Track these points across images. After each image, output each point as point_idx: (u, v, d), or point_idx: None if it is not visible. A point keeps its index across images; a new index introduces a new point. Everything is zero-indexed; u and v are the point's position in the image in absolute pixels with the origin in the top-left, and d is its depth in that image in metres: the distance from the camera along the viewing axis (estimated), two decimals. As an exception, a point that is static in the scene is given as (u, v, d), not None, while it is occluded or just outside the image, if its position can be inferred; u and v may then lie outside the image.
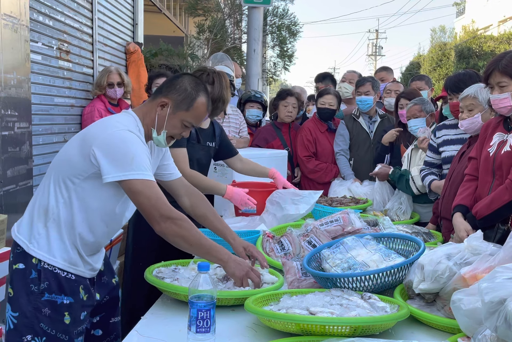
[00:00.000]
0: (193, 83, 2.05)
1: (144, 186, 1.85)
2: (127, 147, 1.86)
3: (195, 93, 2.03)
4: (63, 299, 1.91)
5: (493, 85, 2.33)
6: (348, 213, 2.50)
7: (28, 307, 1.88)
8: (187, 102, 2.02)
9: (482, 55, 20.04)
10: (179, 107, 2.01)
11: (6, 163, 3.24)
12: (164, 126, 2.02)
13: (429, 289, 1.76)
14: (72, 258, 1.95)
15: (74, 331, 1.93)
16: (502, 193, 2.27)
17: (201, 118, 2.10)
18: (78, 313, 1.94)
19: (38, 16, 3.89)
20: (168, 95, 2.02)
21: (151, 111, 2.03)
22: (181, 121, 2.03)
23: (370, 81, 4.33)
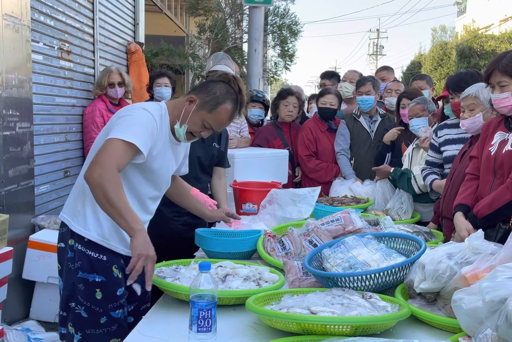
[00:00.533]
0: (224, 90, 2.14)
1: (118, 145, 1.92)
2: (132, 119, 2.01)
3: (223, 99, 2.12)
4: (95, 277, 2.10)
5: (494, 84, 2.33)
6: (349, 213, 2.50)
7: (68, 281, 2.14)
8: (212, 105, 2.12)
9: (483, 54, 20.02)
10: (203, 106, 2.12)
11: (7, 163, 3.25)
12: (187, 121, 2.13)
13: (430, 289, 1.76)
14: (105, 233, 2.10)
15: (109, 305, 2.11)
16: (503, 192, 2.27)
17: (221, 124, 2.17)
18: (111, 290, 2.11)
19: (39, 16, 3.89)
20: (198, 93, 2.15)
21: (180, 104, 2.17)
22: (202, 120, 2.13)
23: (370, 80, 4.33)
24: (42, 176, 3.91)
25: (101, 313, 2.10)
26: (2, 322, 3.09)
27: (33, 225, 3.62)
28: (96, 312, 2.10)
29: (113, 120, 2.08)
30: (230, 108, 2.14)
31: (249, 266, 2.19)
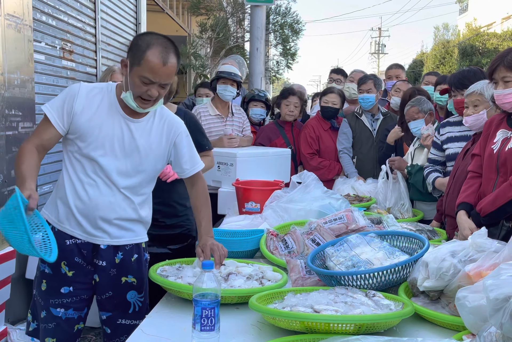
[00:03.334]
0: (147, 38, 2.00)
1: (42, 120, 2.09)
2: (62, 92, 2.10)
3: (146, 45, 1.96)
4: (45, 268, 2.14)
5: (498, 80, 2.33)
6: (352, 211, 2.50)
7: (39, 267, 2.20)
8: (138, 56, 1.96)
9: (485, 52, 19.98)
10: (133, 63, 1.99)
11: (10, 163, 3.25)
12: (129, 86, 2.02)
13: (434, 287, 1.76)
14: (60, 217, 2.12)
15: (51, 300, 2.12)
16: (506, 189, 2.26)
17: (156, 71, 1.96)
18: (56, 285, 2.12)
19: (41, 16, 3.89)
20: (127, 55, 2.05)
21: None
22: (139, 77, 1.97)
23: (372, 79, 4.32)
24: (45, 176, 3.91)
25: (42, 306, 2.13)
26: (6, 322, 3.09)
27: (36, 224, 3.62)
28: (39, 303, 2.14)
29: None
30: (158, 52, 1.95)
31: (252, 265, 2.19)
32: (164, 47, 1.97)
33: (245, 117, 4.42)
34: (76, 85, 2.10)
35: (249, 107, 4.67)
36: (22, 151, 2.02)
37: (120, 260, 2.18)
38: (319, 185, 3.12)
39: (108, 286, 2.18)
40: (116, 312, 2.20)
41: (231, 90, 4.17)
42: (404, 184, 3.51)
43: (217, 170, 3.75)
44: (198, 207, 2.27)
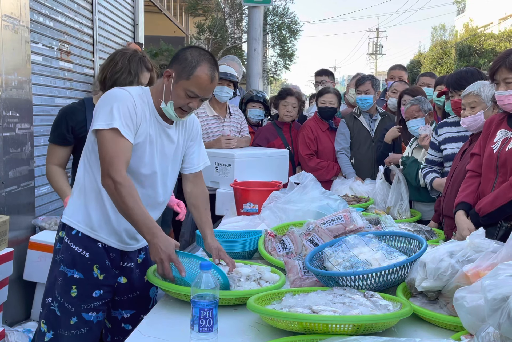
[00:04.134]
0: (195, 53, 2.06)
1: (109, 136, 1.92)
2: (108, 100, 1.98)
3: (196, 62, 2.03)
4: (74, 273, 2.06)
5: (499, 81, 2.34)
6: (350, 212, 2.50)
7: (52, 273, 2.12)
8: (187, 71, 2.02)
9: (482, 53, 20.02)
10: (180, 76, 2.03)
11: (7, 164, 3.24)
12: (170, 96, 2.05)
13: (432, 287, 1.76)
14: (94, 225, 2.06)
15: (82, 305, 2.06)
16: (506, 189, 2.27)
17: (204, 87, 2.04)
18: (88, 290, 2.07)
19: (39, 17, 3.89)
20: (172, 66, 2.07)
21: (160, 84, 2.10)
22: (184, 90, 2.03)
23: (370, 80, 4.33)
24: (43, 177, 3.90)
25: (72, 313, 2.05)
26: (3, 324, 3.08)
27: (33, 226, 3.61)
28: (68, 311, 2.06)
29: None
30: (207, 69, 2.03)
31: (250, 266, 2.19)
32: (212, 64, 2.06)
33: (243, 118, 4.42)
34: (127, 94, 2.01)
35: (247, 108, 4.67)
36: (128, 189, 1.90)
37: (142, 260, 2.25)
38: (317, 185, 3.12)
39: (136, 286, 2.23)
40: (139, 309, 2.24)
41: (228, 90, 4.16)
42: (405, 183, 3.51)
43: (215, 171, 3.75)
44: (200, 207, 2.31)
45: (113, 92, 2.02)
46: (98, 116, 1.96)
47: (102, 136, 1.94)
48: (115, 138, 1.93)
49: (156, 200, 2.18)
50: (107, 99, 1.99)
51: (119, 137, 1.93)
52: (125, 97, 2.00)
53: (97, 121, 1.95)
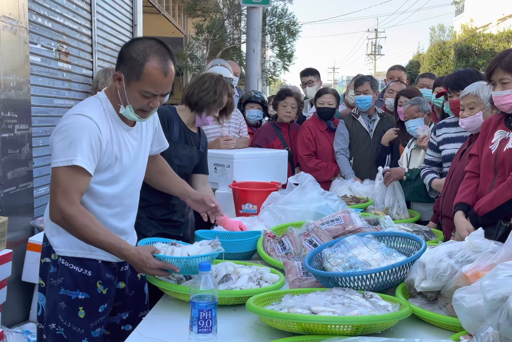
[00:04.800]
0: (139, 47, 1.86)
1: (65, 173, 1.81)
2: (68, 132, 1.83)
3: (142, 57, 1.84)
4: (78, 295, 1.98)
5: (496, 82, 2.34)
6: (349, 212, 2.50)
7: (50, 298, 2.01)
8: (136, 70, 1.84)
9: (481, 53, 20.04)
10: (130, 78, 1.87)
11: (6, 165, 3.24)
12: (127, 100, 1.91)
13: (431, 287, 1.76)
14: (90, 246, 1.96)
15: (91, 324, 2.00)
16: (504, 189, 2.27)
17: (158, 83, 1.87)
18: (94, 307, 2.01)
19: (37, 18, 3.89)
20: (119, 67, 1.90)
21: (114, 88, 1.94)
22: (139, 92, 1.88)
23: (368, 80, 4.33)
24: (41, 178, 3.90)
25: (82, 334, 1.98)
26: (2, 325, 3.08)
27: (32, 227, 3.61)
28: (78, 333, 1.98)
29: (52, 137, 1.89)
30: (157, 63, 1.83)
31: (250, 266, 2.19)
32: (162, 55, 1.87)
33: (241, 118, 4.42)
34: (89, 122, 1.86)
35: (245, 109, 4.67)
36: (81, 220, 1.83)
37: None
38: (316, 186, 3.12)
39: (132, 286, 2.22)
40: (137, 307, 2.23)
41: None
42: (398, 183, 3.51)
43: (214, 171, 3.74)
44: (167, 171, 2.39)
45: (74, 123, 1.85)
46: (58, 150, 1.82)
47: (58, 172, 1.82)
48: (68, 174, 1.82)
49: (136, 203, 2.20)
50: (67, 130, 1.84)
51: (74, 172, 1.82)
52: (87, 126, 1.85)
53: (57, 157, 1.82)
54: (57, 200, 1.83)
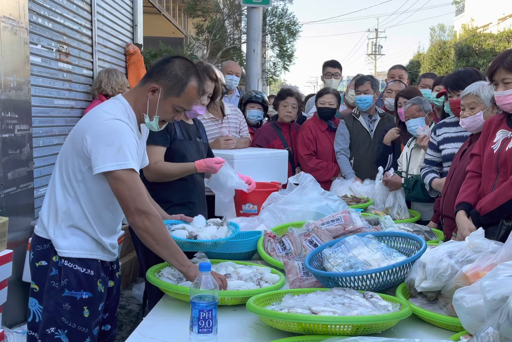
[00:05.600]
0: (183, 68, 2.04)
1: (127, 176, 1.89)
2: (114, 138, 1.90)
3: (186, 78, 2.02)
4: (82, 295, 2.00)
5: (498, 82, 2.35)
6: (349, 212, 2.50)
7: (49, 302, 1.98)
8: (178, 88, 2.02)
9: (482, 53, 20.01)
10: (170, 92, 2.02)
11: (6, 165, 3.24)
12: (156, 111, 2.03)
13: (431, 287, 1.76)
14: (91, 246, 2.04)
15: (93, 322, 2.03)
16: (506, 188, 2.27)
17: (192, 102, 2.10)
18: (96, 306, 2.05)
19: (37, 18, 3.89)
20: (158, 80, 2.02)
21: (142, 96, 2.05)
22: (173, 106, 2.04)
23: (369, 80, 4.33)
24: (42, 178, 3.91)
25: (86, 334, 2.00)
26: (3, 325, 3.08)
27: (32, 227, 3.58)
28: (82, 333, 1.99)
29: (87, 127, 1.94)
30: (196, 84, 2.05)
31: (250, 267, 2.19)
32: (198, 77, 2.07)
33: (242, 118, 4.41)
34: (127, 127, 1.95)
35: (246, 109, 4.67)
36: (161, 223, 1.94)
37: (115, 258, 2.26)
38: (316, 186, 3.12)
39: (116, 285, 2.25)
40: (116, 305, 2.27)
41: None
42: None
43: (214, 172, 3.74)
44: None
45: (115, 127, 1.92)
46: (105, 155, 1.87)
47: (119, 177, 1.88)
48: (132, 177, 1.90)
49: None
50: (111, 135, 1.90)
51: (135, 174, 1.92)
52: (128, 131, 1.95)
53: (107, 162, 1.87)
54: (135, 201, 1.90)
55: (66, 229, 2.01)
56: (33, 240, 2.09)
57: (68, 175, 2.00)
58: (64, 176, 2.01)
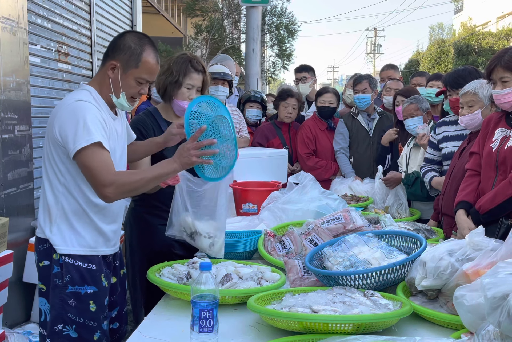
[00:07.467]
0: (135, 39, 2.04)
1: (92, 151, 1.88)
2: (77, 116, 1.90)
3: (140, 48, 2.02)
4: (87, 289, 2.01)
5: (496, 80, 2.34)
6: (349, 211, 2.50)
7: (55, 299, 1.99)
8: (135, 59, 2.01)
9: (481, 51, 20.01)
10: (128, 66, 2.01)
11: (6, 166, 3.24)
12: (121, 88, 2.03)
13: (432, 286, 1.76)
14: (90, 242, 2.04)
15: (101, 316, 2.03)
16: (506, 186, 2.27)
17: (153, 71, 2.06)
18: (102, 300, 2.05)
19: (37, 18, 3.89)
20: (115, 57, 2.02)
21: (104, 78, 2.05)
22: (135, 79, 2.03)
23: (367, 78, 4.34)
24: (41, 179, 3.91)
25: (95, 328, 2.01)
26: (3, 326, 3.08)
27: (33, 227, 3.61)
28: (90, 327, 2.00)
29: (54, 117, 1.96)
30: (152, 53, 2.04)
31: (251, 266, 2.19)
32: (153, 46, 2.07)
33: (241, 117, 4.42)
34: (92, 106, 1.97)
35: (245, 108, 4.67)
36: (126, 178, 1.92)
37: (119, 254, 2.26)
38: (316, 185, 3.12)
39: (120, 282, 2.25)
40: (122, 304, 2.27)
41: (223, 89, 4.13)
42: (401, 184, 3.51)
43: (214, 171, 3.74)
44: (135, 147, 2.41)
45: (77, 107, 1.93)
46: (75, 135, 1.88)
47: (85, 152, 1.88)
48: (98, 151, 1.89)
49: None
50: (75, 115, 1.90)
51: (101, 149, 1.90)
52: (90, 108, 1.94)
53: (77, 141, 1.87)
54: (97, 177, 1.87)
55: (62, 225, 2.01)
56: (35, 241, 2.10)
57: (53, 169, 2.03)
58: (49, 172, 2.04)
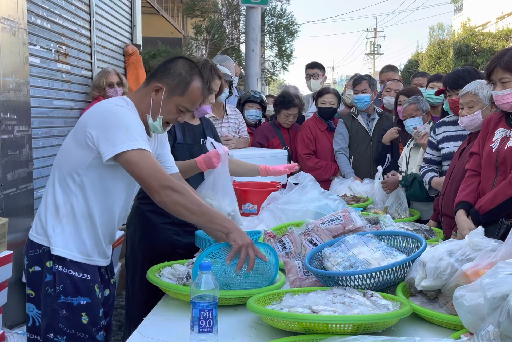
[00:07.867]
0: (187, 67, 2.03)
1: (140, 155, 1.84)
2: (118, 120, 1.87)
3: (190, 77, 2.01)
4: (80, 300, 1.95)
5: (495, 81, 2.34)
6: (349, 211, 2.50)
7: (46, 308, 1.95)
8: (182, 87, 2.00)
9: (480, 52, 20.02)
10: (174, 92, 2.00)
11: (6, 166, 3.24)
12: (160, 111, 2.01)
13: (431, 286, 1.76)
14: (88, 250, 1.99)
15: (94, 328, 1.99)
16: (506, 187, 2.27)
17: (196, 103, 2.07)
18: (96, 311, 2.00)
19: (36, 19, 3.89)
20: (162, 80, 2.00)
21: (145, 97, 2.02)
22: (176, 106, 2.02)
23: (366, 79, 4.35)
24: (41, 179, 3.91)
25: (86, 339, 1.97)
26: (3, 326, 3.08)
27: (32, 228, 3.61)
28: (82, 339, 1.96)
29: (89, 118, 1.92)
30: (200, 85, 2.04)
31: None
32: (202, 78, 2.07)
33: (241, 118, 4.42)
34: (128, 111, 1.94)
35: (244, 109, 4.67)
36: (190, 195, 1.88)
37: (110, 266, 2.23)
38: (315, 186, 3.12)
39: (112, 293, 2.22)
40: (112, 312, 2.24)
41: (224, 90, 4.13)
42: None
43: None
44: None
45: (117, 111, 1.90)
46: (115, 138, 1.83)
47: (131, 157, 1.83)
48: (143, 153, 1.85)
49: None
50: (115, 119, 1.87)
51: (146, 153, 1.86)
52: (131, 114, 1.93)
53: (117, 144, 1.83)
54: (156, 178, 1.84)
55: (67, 226, 1.96)
56: (26, 244, 2.04)
57: (69, 171, 1.95)
58: (65, 173, 1.96)
